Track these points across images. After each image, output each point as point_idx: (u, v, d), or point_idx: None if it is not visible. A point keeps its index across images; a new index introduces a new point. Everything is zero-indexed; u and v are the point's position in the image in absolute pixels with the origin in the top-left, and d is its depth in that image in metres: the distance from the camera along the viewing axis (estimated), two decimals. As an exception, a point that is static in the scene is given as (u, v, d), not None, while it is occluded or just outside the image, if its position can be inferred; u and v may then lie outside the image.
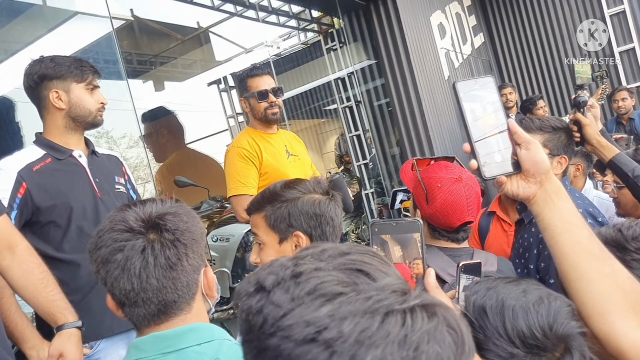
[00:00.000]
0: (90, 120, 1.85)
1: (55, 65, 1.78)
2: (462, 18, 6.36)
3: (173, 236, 0.93)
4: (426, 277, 0.80)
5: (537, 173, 0.86)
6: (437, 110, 5.25)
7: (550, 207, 0.86)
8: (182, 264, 0.93)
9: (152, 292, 0.92)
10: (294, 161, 2.58)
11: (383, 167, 5.93)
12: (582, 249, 0.84)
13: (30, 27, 3.52)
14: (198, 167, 5.52)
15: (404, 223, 0.82)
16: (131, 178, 2.08)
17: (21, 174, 1.68)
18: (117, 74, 3.59)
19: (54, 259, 1.71)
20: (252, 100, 2.53)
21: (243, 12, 5.76)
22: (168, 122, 5.57)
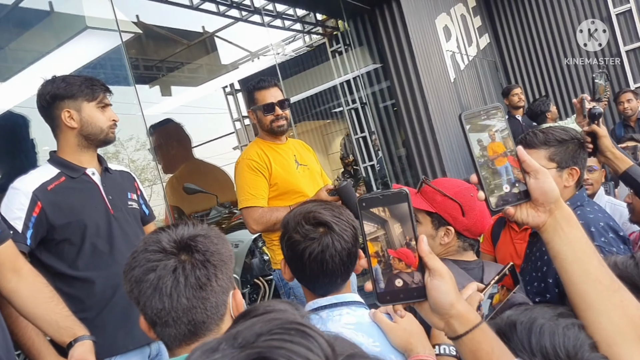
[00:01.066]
0: (102, 138, 1.87)
1: (66, 85, 1.81)
2: (467, 19, 6.36)
3: (203, 257, 0.96)
4: (419, 244, 0.80)
5: (546, 202, 0.85)
6: (444, 113, 5.26)
7: (560, 236, 0.85)
8: (212, 285, 0.96)
9: (182, 312, 0.94)
10: (303, 171, 2.60)
11: (389, 169, 5.94)
12: (591, 279, 0.83)
13: (40, 42, 3.56)
14: (206, 176, 5.57)
15: (390, 194, 0.81)
16: (143, 193, 2.10)
17: (36, 193, 1.71)
18: (125, 81, 3.63)
19: (69, 276, 1.74)
20: (259, 112, 2.56)
21: (248, 17, 5.78)
22: (177, 133, 5.62)
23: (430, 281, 0.80)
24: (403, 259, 0.81)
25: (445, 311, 0.79)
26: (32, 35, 3.55)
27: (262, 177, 2.45)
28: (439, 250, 1.57)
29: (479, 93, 6.31)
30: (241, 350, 0.45)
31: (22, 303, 1.52)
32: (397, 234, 0.81)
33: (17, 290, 1.51)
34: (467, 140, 0.86)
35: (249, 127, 7.29)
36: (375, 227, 0.81)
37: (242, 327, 0.49)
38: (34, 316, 1.53)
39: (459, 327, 0.79)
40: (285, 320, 0.48)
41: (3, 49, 3.44)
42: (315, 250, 1.22)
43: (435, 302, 0.80)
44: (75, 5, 3.70)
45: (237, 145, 7.24)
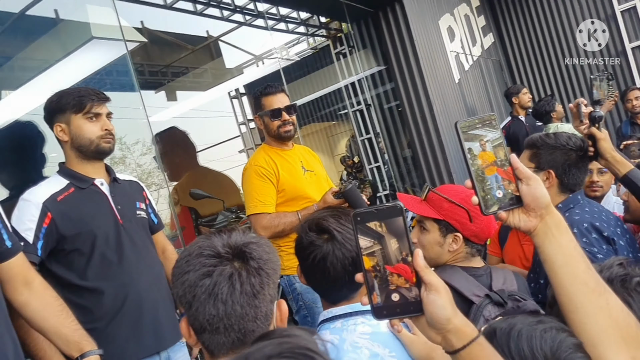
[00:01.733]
0: (93, 149, 1.85)
1: (58, 99, 1.83)
2: (471, 19, 6.35)
3: (258, 265, 0.95)
4: (415, 259, 0.80)
5: (537, 207, 0.88)
6: (449, 113, 5.26)
7: (551, 240, 0.89)
8: (264, 293, 0.95)
9: (235, 319, 0.93)
10: (310, 177, 2.62)
11: (395, 170, 5.95)
12: (578, 282, 0.86)
13: (47, 52, 3.59)
14: (212, 183, 5.62)
15: (385, 208, 0.81)
16: (152, 202, 2.11)
17: (46, 204, 1.73)
18: (131, 88, 3.66)
19: (78, 286, 1.76)
20: (265, 118, 2.57)
21: (252, 21, 5.80)
22: (183, 141, 5.69)
23: (426, 296, 0.80)
24: (402, 274, 0.81)
25: (442, 326, 0.80)
26: (39, 45, 3.57)
27: (269, 183, 2.46)
28: (447, 257, 1.58)
29: (484, 93, 6.30)
30: None
31: (32, 316, 1.54)
32: (393, 249, 0.81)
33: (28, 303, 1.53)
34: (462, 146, 0.89)
35: (254, 130, 7.31)
36: (371, 241, 0.82)
37: (254, 349, 0.50)
38: (44, 329, 1.55)
39: (456, 341, 0.80)
40: (295, 345, 0.49)
41: (10, 59, 3.47)
42: (317, 257, 1.24)
43: (431, 316, 0.80)
44: (80, 13, 3.73)
45: (243, 149, 7.27)
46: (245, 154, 7.24)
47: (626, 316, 0.86)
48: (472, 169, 0.89)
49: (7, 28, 3.46)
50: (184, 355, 1.96)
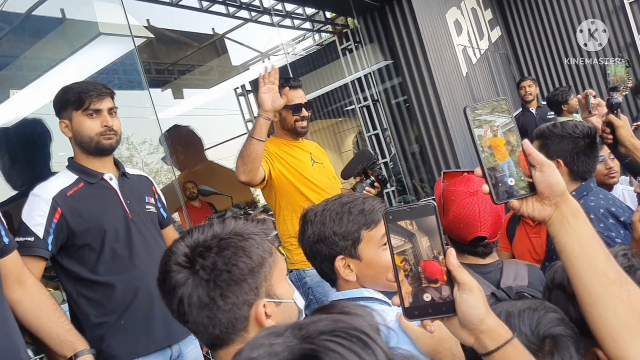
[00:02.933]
0: (94, 146, 1.82)
1: (62, 95, 1.82)
2: (478, 12, 6.31)
3: (209, 276, 0.92)
4: (447, 258, 0.79)
5: (552, 195, 0.84)
6: (456, 107, 5.22)
7: (567, 229, 0.85)
8: (217, 304, 0.91)
9: (192, 325, 0.94)
10: (319, 168, 2.62)
11: (403, 165, 5.93)
12: (598, 273, 0.82)
13: (54, 50, 3.60)
14: (220, 178, 5.66)
15: (418, 207, 0.80)
16: (161, 197, 2.10)
17: (56, 199, 1.73)
18: (139, 85, 3.66)
19: (90, 281, 1.76)
20: (283, 111, 2.52)
21: (258, 17, 5.79)
22: (191, 137, 5.76)
23: (459, 295, 0.79)
24: (432, 273, 0.80)
25: (475, 326, 0.78)
26: (46, 43, 3.59)
27: (265, 162, 2.39)
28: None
29: (492, 86, 6.26)
30: (300, 342, 0.47)
31: (24, 315, 1.54)
32: (425, 248, 0.80)
33: (20, 301, 1.53)
34: (472, 133, 0.86)
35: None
36: (402, 240, 0.80)
37: (310, 321, 0.50)
38: (36, 328, 1.55)
39: (489, 342, 0.78)
40: (351, 325, 0.48)
41: (18, 58, 3.48)
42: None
43: (464, 316, 0.78)
44: (87, 12, 3.74)
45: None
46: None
47: None
48: (481, 156, 0.85)
49: (15, 28, 3.47)
50: (195, 348, 1.96)
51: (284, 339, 0.47)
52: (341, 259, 1.23)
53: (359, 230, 1.21)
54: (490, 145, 0.86)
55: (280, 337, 0.48)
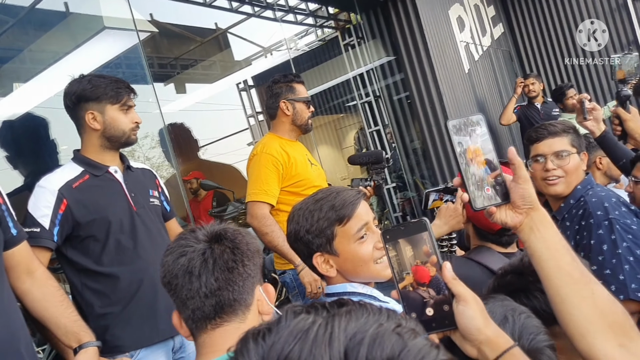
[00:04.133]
0: (124, 140, 1.90)
1: (92, 87, 1.83)
2: (481, 9, 6.30)
3: (232, 244, 1.04)
4: (443, 271, 0.82)
5: (523, 205, 0.91)
6: (458, 104, 5.23)
7: (536, 235, 0.91)
8: (239, 269, 1.03)
9: (211, 292, 1.00)
10: (316, 170, 2.62)
11: (404, 161, 5.94)
12: (563, 273, 0.88)
13: (58, 43, 3.61)
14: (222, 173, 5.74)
15: (411, 225, 0.84)
16: (165, 190, 2.12)
17: (62, 191, 1.75)
18: (143, 80, 3.67)
19: (94, 272, 1.79)
20: (299, 105, 2.53)
21: (261, 12, 5.79)
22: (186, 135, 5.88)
23: (456, 307, 0.81)
24: (418, 276, 0.83)
25: (474, 337, 0.80)
26: (50, 36, 3.60)
27: (276, 175, 2.42)
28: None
29: (494, 83, 6.27)
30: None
31: (33, 305, 1.57)
32: (408, 257, 0.84)
33: (29, 292, 1.56)
34: (452, 144, 0.92)
35: (262, 123, 7.32)
36: (399, 257, 0.84)
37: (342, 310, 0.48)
38: (44, 318, 1.57)
39: (489, 352, 0.79)
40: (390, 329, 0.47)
41: (22, 51, 3.49)
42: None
43: (462, 328, 0.81)
44: (92, 5, 3.75)
45: (252, 141, 7.27)
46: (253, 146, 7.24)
47: (612, 305, 0.87)
48: (461, 167, 0.91)
49: (19, 21, 3.48)
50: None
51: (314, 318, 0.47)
52: (319, 256, 1.26)
53: (331, 226, 1.24)
54: (469, 156, 0.91)
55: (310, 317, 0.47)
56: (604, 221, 1.73)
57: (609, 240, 1.71)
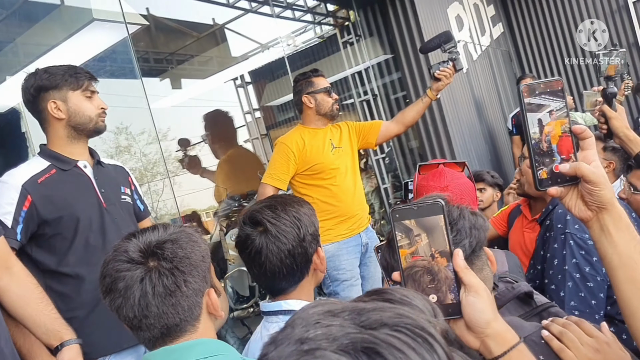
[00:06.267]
0: (92, 127, 1.82)
1: (49, 76, 1.75)
2: (480, 8, 6.24)
3: (171, 264, 0.97)
4: (455, 259, 0.77)
5: (596, 204, 0.82)
6: (456, 104, 5.18)
7: (607, 238, 0.82)
8: (181, 290, 0.97)
9: (154, 318, 0.97)
10: (338, 152, 2.84)
11: (401, 161, 5.89)
12: (636, 286, 0.80)
13: (47, 36, 3.56)
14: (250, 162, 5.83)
15: (425, 205, 0.77)
16: (138, 188, 2.05)
17: (26, 186, 1.66)
18: (132, 74, 3.63)
19: (59, 273, 1.70)
20: (319, 95, 2.81)
21: (258, 8, 5.74)
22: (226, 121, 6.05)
23: (465, 297, 0.77)
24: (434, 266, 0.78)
25: (481, 330, 0.76)
26: (40, 28, 3.54)
27: (286, 163, 2.73)
28: None
29: (492, 83, 6.21)
30: (360, 330, 0.43)
31: (12, 302, 1.50)
32: (422, 245, 0.78)
33: (7, 289, 1.50)
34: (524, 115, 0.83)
35: (260, 120, 7.26)
36: (400, 235, 0.79)
37: (371, 307, 0.46)
38: (23, 316, 1.51)
39: (495, 347, 0.76)
40: (417, 323, 0.45)
41: (11, 43, 3.44)
42: (253, 251, 1.21)
43: (470, 319, 0.76)
44: (82, -4, 3.70)
45: (248, 138, 7.21)
46: (251, 143, 7.19)
47: None
48: (530, 139, 0.83)
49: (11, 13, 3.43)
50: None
51: (341, 321, 0.44)
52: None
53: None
54: (539, 130, 0.83)
55: (337, 318, 0.45)
56: (560, 235, 1.71)
57: (561, 255, 1.69)
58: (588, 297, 1.61)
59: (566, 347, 0.89)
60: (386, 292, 0.51)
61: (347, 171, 2.83)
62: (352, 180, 2.85)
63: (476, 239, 0.95)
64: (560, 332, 0.92)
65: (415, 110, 2.96)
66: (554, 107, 0.83)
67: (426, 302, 0.51)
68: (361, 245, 2.80)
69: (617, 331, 1.61)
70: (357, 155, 2.99)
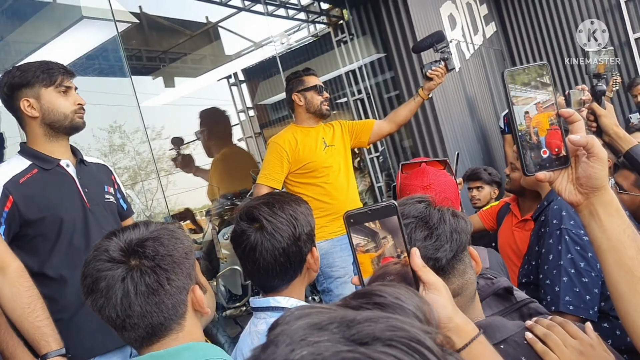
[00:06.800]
0: (68, 124, 1.76)
1: (21, 73, 1.71)
2: (473, 7, 6.25)
3: (153, 262, 0.95)
4: (412, 257, 0.77)
5: (587, 185, 0.82)
6: (448, 103, 5.19)
7: (597, 222, 0.82)
8: (164, 288, 0.96)
9: (137, 318, 0.95)
10: (331, 150, 2.85)
11: (394, 160, 5.90)
12: (624, 270, 0.81)
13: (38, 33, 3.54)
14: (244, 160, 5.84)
15: (379, 208, 0.78)
16: (121, 187, 2.01)
17: (7, 187, 1.63)
18: (121, 72, 3.62)
19: (41, 275, 1.66)
20: (309, 93, 2.81)
21: (251, 6, 5.73)
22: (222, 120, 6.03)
23: (426, 295, 0.77)
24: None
25: (444, 325, 0.77)
26: (29, 26, 3.52)
27: (281, 162, 2.75)
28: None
29: (485, 82, 6.22)
30: (351, 347, 0.40)
31: (3, 303, 1.50)
32: (389, 248, 0.79)
33: (0, 289, 1.49)
34: (509, 99, 0.84)
35: (253, 118, 7.25)
36: (366, 240, 0.79)
37: (362, 318, 0.43)
38: (12, 319, 1.51)
39: (457, 340, 0.77)
40: (411, 336, 0.42)
41: (1, 41, 3.42)
42: (247, 247, 1.21)
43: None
44: (72, -7, 3.68)
45: (242, 137, 7.20)
46: (244, 142, 7.17)
47: None
48: (516, 125, 0.83)
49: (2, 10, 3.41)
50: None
51: (329, 335, 0.41)
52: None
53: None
54: (527, 118, 0.84)
55: (324, 332, 0.41)
56: (555, 230, 1.72)
57: (556, 250, 1.70)
58: (583, 292, 1.61)
59: (550, 350, 0.89)
60: (376, 295, 0.48)
61: (340, 169, 2.84)
62: (346, 178, 2.86)
63: (457, 243, 0.94)
64: (544, 334, 0.92)
65: (408, 110, 2.95)
66: (541, 99, 0.83)
67: (419, 303, 0.48)
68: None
69: (611, 327, 1.63)
70: (350, 154, 2.99)
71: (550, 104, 0.83)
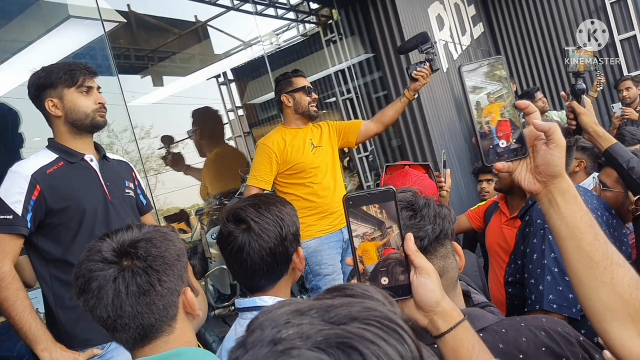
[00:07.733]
0: (89, 123, 1.87)
1: (45, 75, 1.81)
2: (461, 8, 6.30)
3: (145, 263, 0.96)
4: (406, 242, 0.80)
5: (545, 173, 0.84)
6: (436, 103, 5.23)
7: (555, 209, 0.85)
8: (156, 289, 0.96)
9: (128, 318, 0.96)
10: (318, 151, 2.90)
11: (382, 159, 5.92)
12: (582, 255, 0.83)
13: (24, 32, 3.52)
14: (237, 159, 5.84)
15: (378, 192, 0.80)
16: (141, 183, 2.11)
17: (35, 176, 1.73)
18: (108, 71, 3.61)
19: (64, 261, 1.75)
20: (297, 95, 2.86)
21: (240, 5, 5.72)
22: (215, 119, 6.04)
23: (416, 279, 0.81)
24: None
25: (431, 308, 0.81)
26: (16, 25, 3.50)
27: (269, 163, 2.78)
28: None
29: (473, 83, 6.26)
30: (331, 327, 0.44)
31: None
32: (394, 236, 0.81)
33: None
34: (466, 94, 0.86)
35: (243, 118, 7.24)
36: (372, 228, 0.81)
37: (338, 303, 0.47)
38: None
39: (442, 324, 0.81)
40: (384, 315, 0.46)
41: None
42: (234, 248, 1.23)
43: (421, 299, 0.81)
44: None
45: (231, 136, 7.19)
46: (234, 141, 7.16)
47: (634, 291, 0.82)
48: (473, 117, 0.86)
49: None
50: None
51: (310, 319, 0.45)
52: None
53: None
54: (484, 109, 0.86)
55: (305, 317, 0.45)
56: (539, 230, 1.74)
57: (540, 249, 1.72)
58: (566, 290, 1.64)
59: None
60: (347, 288, 0.53)
61: (328, 169, 2.89)
62: (333, 178, 2.91)
63: (440, 226, 0.99)
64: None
65: (394, 110, 2.99)
66: (491, 89, 0.86)
67: (385, 294, 0.53)
68: (342, 241, 2.86)
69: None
70: (338, 154, 3.03)
71: (500, 95, 0.86)
